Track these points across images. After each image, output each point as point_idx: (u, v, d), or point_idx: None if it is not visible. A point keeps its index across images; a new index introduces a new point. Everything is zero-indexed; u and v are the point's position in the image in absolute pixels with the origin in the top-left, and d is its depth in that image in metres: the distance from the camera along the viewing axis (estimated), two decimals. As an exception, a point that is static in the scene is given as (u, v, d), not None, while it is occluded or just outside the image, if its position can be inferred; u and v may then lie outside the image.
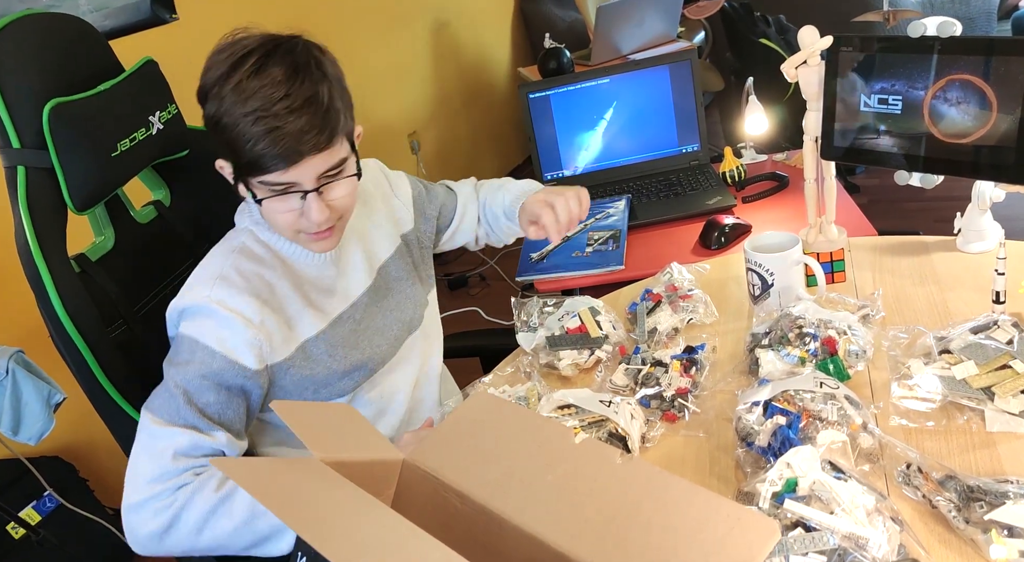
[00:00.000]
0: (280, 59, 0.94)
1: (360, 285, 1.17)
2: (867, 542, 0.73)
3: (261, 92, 0.92)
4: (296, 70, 0.94)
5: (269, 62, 0.94)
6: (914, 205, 3.13)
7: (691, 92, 1.92)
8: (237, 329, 1.00)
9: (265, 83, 0.92)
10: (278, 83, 0.92)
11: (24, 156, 1.02)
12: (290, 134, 0.92)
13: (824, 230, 1.27)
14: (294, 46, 0.97)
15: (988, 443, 0.89)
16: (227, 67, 0.94)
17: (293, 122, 0.92)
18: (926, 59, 1.08)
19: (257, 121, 0.91)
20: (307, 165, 0.96)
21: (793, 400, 0.92)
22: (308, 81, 0.95)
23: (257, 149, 0.92)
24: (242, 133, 0.92)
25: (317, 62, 0.97)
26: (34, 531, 1.83)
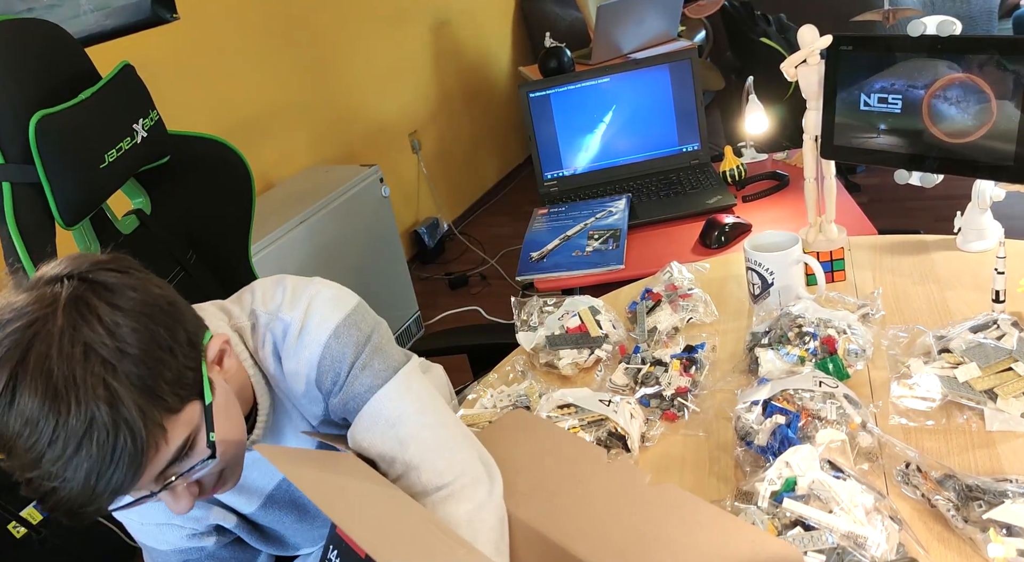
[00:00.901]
0: (32, 380, 0.64)
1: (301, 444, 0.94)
2: (866, 541, 0.74)
3: (19, 444, 0.64)
4: (56, 395, 0.64)
5: (18, 391, 0.64)
6: (914, 204, 3.13)
7: (691, 91, 1.92)
8: (158, 534, 0.94)
9: (17, 431, 0.64)
10: (32, 431, 0.64)
11: (9, 172, 0.99)
12: (77, 489, 0.65)
13: (824, 229, 1.27)
14: (48, 341, 0.65)
15: (987, 442, 0.89)
16: None
17: (74, 474, 0.65)
18: (926, 58, 1.08)
19: (32, 480, 0.66)
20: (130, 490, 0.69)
21: (792, 399, 0.92)
22: (76, 406, 0.64)
23: (51, 505, 0.67)
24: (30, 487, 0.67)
25: (86, 352, 0.66)
26: (36, 530, 1.83)
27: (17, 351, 0.65)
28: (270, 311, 0.87)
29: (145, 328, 0.69)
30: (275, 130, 2.80)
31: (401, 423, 0.84)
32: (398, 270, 2.89)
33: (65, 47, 1.11)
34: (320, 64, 3.00)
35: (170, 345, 0.71)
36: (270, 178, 2.78)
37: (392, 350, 0.89)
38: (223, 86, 2.58)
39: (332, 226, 2.55)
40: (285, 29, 2.81)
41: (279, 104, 2.81)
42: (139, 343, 0.68)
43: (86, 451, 0.64)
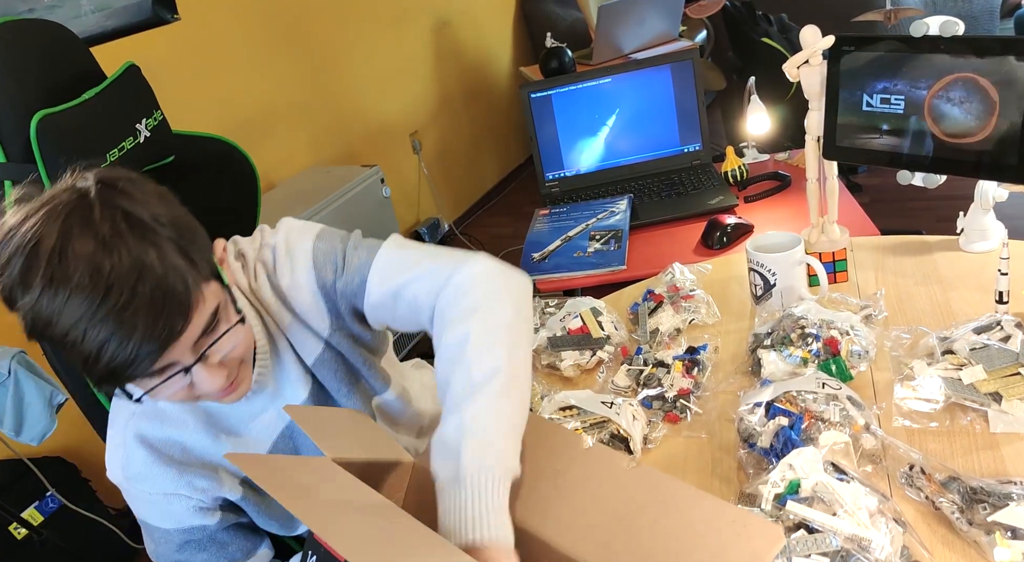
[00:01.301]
0: (81, 234, 0.70)
1: (298, 397, 0.98)
2: (870, 544, 0.73)
3: (70, 305, 0.69)
4: (106, 245, 0.70)
5: (68, 247, 0.69)
6: (916, 204, 3.12)
7: (693, 91, 1.92)
8: (168, 506, 0.93)
9: (72, 288, 0.69)
10: (92, 274, 0.69)
11: (10, 171, 0.99)
12: (136, 332, 0.70)
13: (826, 230, 1.27)
14: (88, 207, 0.72)
15: (991, 444, 0.89)
16: (22, 263, 0.70)
17: (123, 330, 0.70)
18: (929, 58, 1.08)
19: (78, 343, 0.70)
20: (174, 349, 0.75)
21: (795, 401, 0.92)
22: (126, 252, 0.70)
23: (104, 361, 0.71)
24: (77, 347, 0.70)
25: (126, 215, 0.73)
26: (36, 531, 1.83)
27: (61, 216, 0.71)
28: (254, 246, 0.96)
29: (170, 207, 0.78)
30: (276, 130, 2.80)
31: (404, 261, 0.92)
32: (399, 271, 2.88)
33: (70, 47, 1.11)
34: (321, 64, 3.00)
35: (192, 225, 0.80)
36: (271, 178, 2.78)
37: (371, 238, 0.97)
38: (224, 87, 2.58)
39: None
40: (286, 30, 2.81)
41: (280, 104, 2.81)
42: (169, 215, 0.76)
43: (140, 295, 0.70)
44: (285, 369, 0.97)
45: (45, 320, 0.70)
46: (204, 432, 0.94)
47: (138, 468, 0.91)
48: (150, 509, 0.94)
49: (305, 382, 0.98)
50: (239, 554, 0.99)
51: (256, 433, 0.98)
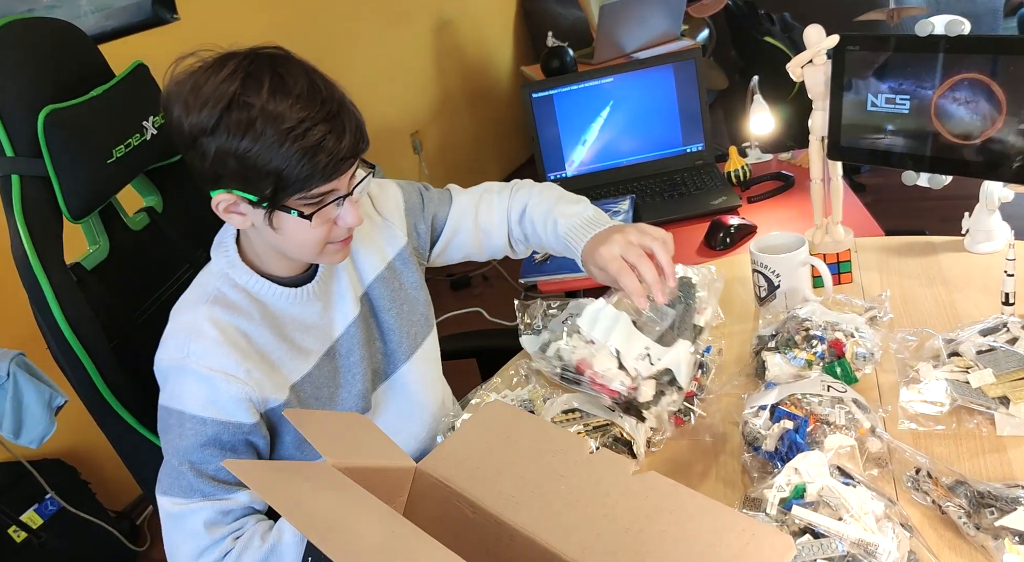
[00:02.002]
0: (294, 70, 0.89)
1: (345, 318, 1.09)
2: (876, 549, 0.72)
3: (296, 106, 0.86)
4: (313, 79, 0.89)
5: (285, 75, 0.87)
6: (920, 204, 3.11)
7: (695, 91, 1.91)
8: (221, 387, 0.95)
9: (296, 96, 0.86)
10: (308, 93, 0.87)
11: (18, 164, 1.00)
12: (339, 141, 0.89)
13: (830, 231, 1.26)
14: (288, 55, 0.92)
15: (998, 447, 0.88)
16: (238, 89, 0.86)
17: (338, 129, 0.89)
18: (934, 58, 1.07)
19: (303, 136, 0.86)
20: (349, 172, 0.94)
21: (800, 404, 0.91)
22: (329, 87, 0.90)
23: (307, 165, 0.87)
24: (285, 153, 0.86)
25: (315, 68, 0.93)
26: (36, 534, 1.83)
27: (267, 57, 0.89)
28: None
29: None
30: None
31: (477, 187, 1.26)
32: (400, 271, 2.87)
33: (79, 45, 1.12)
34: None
35: None
36: (271, 179, 2.77)
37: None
38: (224, 87, 2.57)
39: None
40: (286, 30, 2.80)
41: (280, 105, 2.80)
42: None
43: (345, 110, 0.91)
44: (340, 286, 1.09)
45: (276, 116, 0.85)
46: (267, 328, 1.01)
47: (204, 345, 0.95)
48: (199, 390, 0.94)
49: (355, 304, 1.10)
50: None
51: (307, 343, 1.05)
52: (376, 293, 1.14)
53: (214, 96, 0.85)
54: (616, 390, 0.93)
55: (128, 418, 1.07)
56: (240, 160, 0.87)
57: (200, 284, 1.02)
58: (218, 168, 0.88)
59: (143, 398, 1.07)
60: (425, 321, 1.21)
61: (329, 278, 1.08)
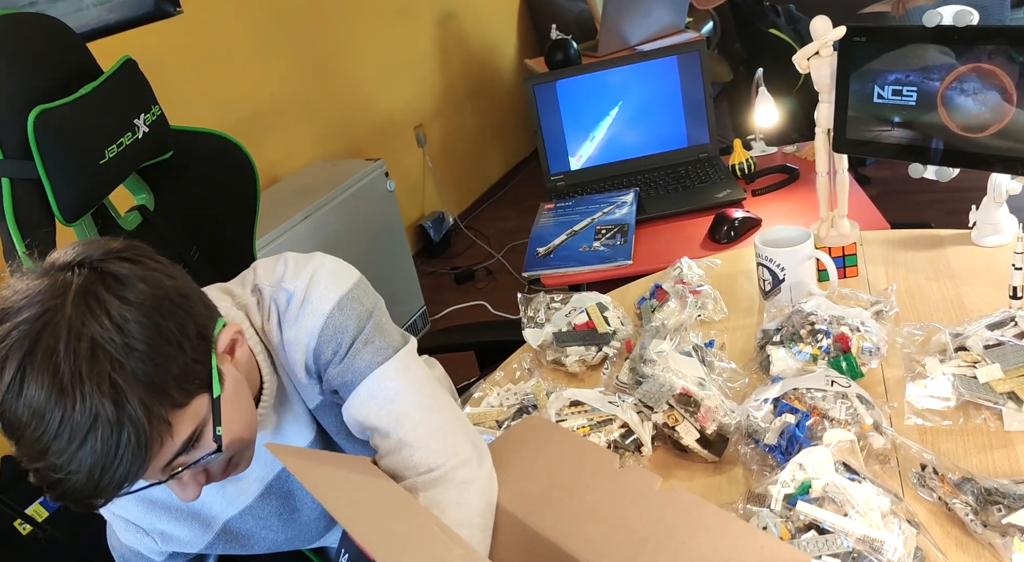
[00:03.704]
0: (40, 372, 0.64)
1: (303, 439, 0.93)
2: (882, 545, 0.72)
3: (26, 435, 0.65)
4: (61, 389, 0.64)
5: (26, 382, 0.64)
6: (926, 196, 3.09)
7: (700, 83, 1.89)
8: (123, 530, 0.93)
9: (23, 420, 0.64)
10: (38, 423, 0.64)
11: (8, 167, 0.98)
12: (84, 482, 0.66)
13: (836, 224, 1.25)
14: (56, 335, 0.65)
15: (1006, 443, 0.87)
16: None
17: (79, 468, 0.65)
18: (942, 49, 1.05)
19: (40, 470, 0.66)
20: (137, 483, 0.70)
21: (803, 398, 0.91)
22: (80, 401, 0.64)
23: (57, 495, 0.67)
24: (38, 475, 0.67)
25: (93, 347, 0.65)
26: (41, 527, 1.83)
27: (26, 342, 0.65)
28: (273, 283, 0.87)
29: (154, 324, 0.69)
30: (280, 124, 2.79)
31: (399, 400, 0.84)
32: (403, 264, 2.87)
33: (65, 41, 1.09)
34: (325, 58, 2.98)
35: (179, 340, 0.70)
36: (275, 172, 2.77)
37: (391, 329, 0.90)
38: (228, 80, 2.57)
39: (337, 220, 2.54)
40: (290, 23, 2.79)
41: (284, 98, 2.79)
42: (147, 339, 0.68)
43: (90, 446, 0.64)
44: (293, 410, 0.91)
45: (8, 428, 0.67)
46: None
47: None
48: (110, 518, 0.95)
49: (310, 426, 0.92)
50: None
51: (250, 472, 0.91)
52: (323, 419, 0.93)
53: None
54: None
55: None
56: None
57: None
58: None
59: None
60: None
61: (280, 400, 0.90)
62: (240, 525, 0.94)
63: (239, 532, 0.94)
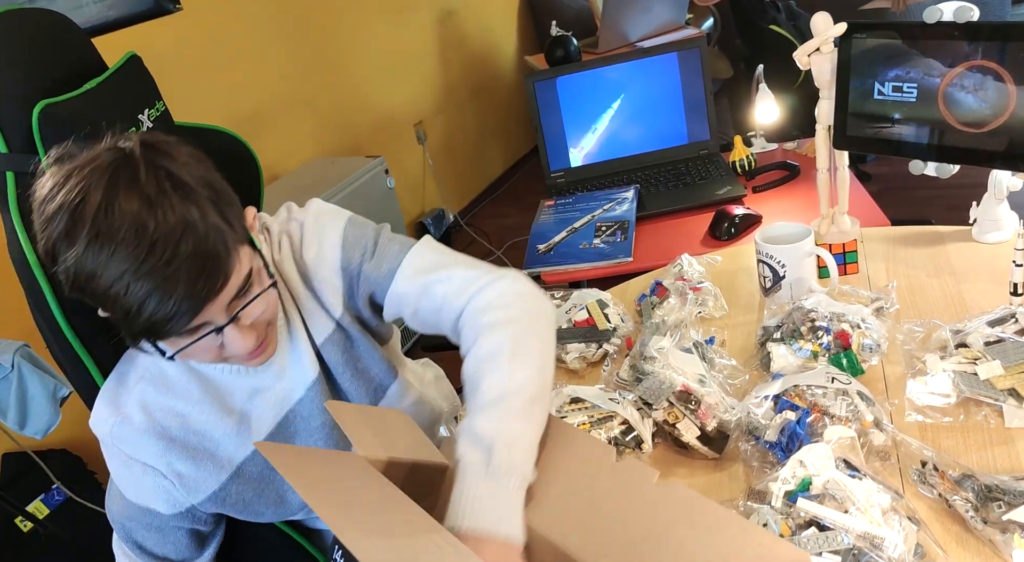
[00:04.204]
0: (126, 192, 0.73)
1: (306, 378, 0.97)
2: (883, 542, 0.72)
3: (115, 260, 0.71)
4: (151, 203, 0.73)
5: (114, 204, 0.72)
6: (926, 193, 3.09)
7: (700, 80, 1.89)
8: (139, 476, 0.93)
9: (117, 244, 0.71)
10: (138, 230, 0.72)
11: (12, 161, 0.98)
12: (177, 288, 0.73)
13: (837, 220, 1.25)
14: (134, 167, 0.75)
15: (1006, 439, 0.87)
16: (67, 219, 0.73)
17: (165, 286, 0.73)
18: (943, 45, 1.05)
19: (121, 297, 0.72)
20: (209, 308, 0.78)
21: (804, 395, 0.91)
22: (171, 211, 0.73)
23: (145, 315, 0.74)
24: (119, 301, 0.73)
25: (169, 175, 0.76)
26: (42, 524, 1.83)
27: (106, 176, 0.73)
28: (280, 222, 0.99)
29: (207, 169, 0.81)
30: (280, 122, 2.79)
31: (442, 265, 0.94)
32: (404, 262, 2.87)
33: (71, 37, 1.10)
34: (325, 55, 2.98)
35: (227, 188, 0.82)
36: (276, 170, 2.77)
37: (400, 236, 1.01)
38: (228, 78, 2.56)
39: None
40: (290, 20, 2.79)
41: (284, 96, 2.79)
42: (207, 177, 0.79)
43: (183, 253, 0.73)
44: (296, 348, 0.97)
45: (89, 273, 0.73)
46: (208, 404, 0.94)
47: (128, 431, 0.91)
48: (121, 471, 0.94)
49: (313, 365, 0.97)
50: (179, 550, 0.99)
51: (259, 412, 0.96)
52: (328, 355, 0.99)
53: (43, 237, 0.76)
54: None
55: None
56: (85, 294, 0.77)
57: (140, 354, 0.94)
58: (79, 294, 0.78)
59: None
60: (387, 371, 1.04)
61: (284, 339, 0.96)
62: (252, 468, 0.97)
63: (251, 475, 0.97)
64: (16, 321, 1.88)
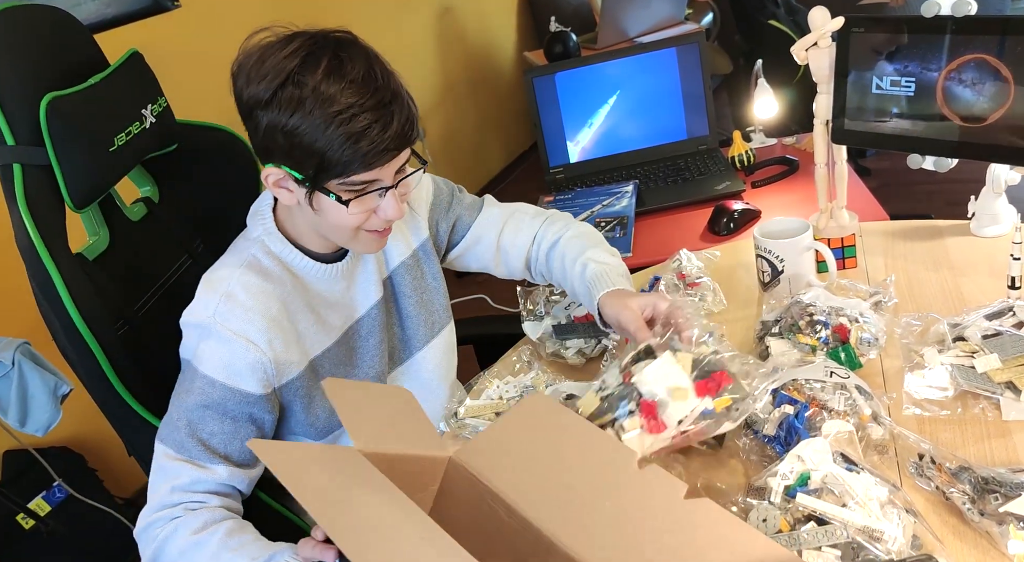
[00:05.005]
0: (354, 55, 0.90)
1: (369, 298, 1.12)
2: (882, 534, 0.72)
3: (348, 91, 0.87)
4: (371, 66, 0.90)
5: (345, 59, 0.89)
6: (925, 188, 3.09)
7: (699, 75, 1.89)
8: (239, 353, 0.96)
9: (349, 81, 0.87)
10: (363, 79, 0.88)
11: (19, 153, 0.99)
12: (383, 131, 0.89)
13: (835, 215, 1.25)
14: (354, 40, 0.93)
15: (1003, 432, 0.88)
16: (296, 67, 0.88)
17: (385, 119, 0.89)
18: (940, 39, 1.05)
19: (348, 121, 0.87)
20: (394, 161, 0.94)
21: (802, 389, 0.91)
22: (386, 76, 0.91)
23: (348, 150, 0.88)
24: (329, 136, 0.87)
25: (378, 55, 0.94)
26: (43, 522, 1.84)
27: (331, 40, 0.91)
28: None
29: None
30: (279, 118, 2.78)
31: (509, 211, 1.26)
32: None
33: (74, 33, 1.12)
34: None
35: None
36: (274, 167, 2.77)
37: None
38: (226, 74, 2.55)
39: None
40: (288, 16, 2.78)
41: (282, 92, 2.79)
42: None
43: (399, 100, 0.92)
44: (366, 268, 1.11)
45: (326, 98, 0.86)
46: (298, 297, 1.03)
47: (232, 308, 0.96)
48: (217, 351, 0.96)
49: (378, 288, 1.12)
50: (243, 452, 0.98)
51: (331, 319, 1.07)
52: (399, 279, 1.16)
53: (273, 70, 0.88)
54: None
55: (137, 408, 1.06)
56: (288, 136, 0.89)
57: (236, 249, 1.04)
58: (269, 142, 0.91)
59: (149, 387, 1.07)
60: (444, 311, 1.23)
61: (358, 258, 1.10)
62: (323, 365, 1.07)
63: (320, 372, 1.06)
64: (15, 319, 1.88)
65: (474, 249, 1.25)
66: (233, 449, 0.97)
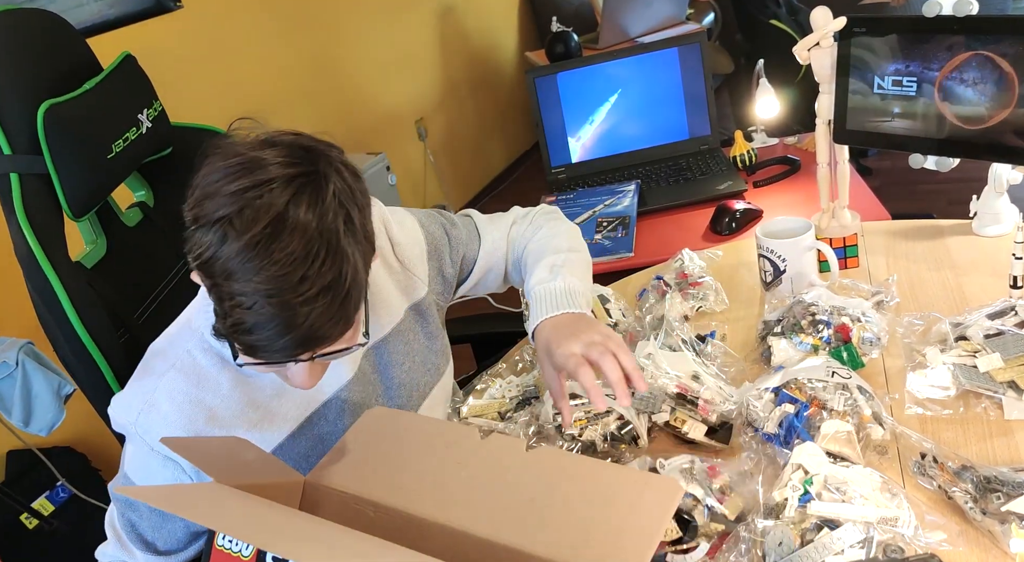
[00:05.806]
0: (303, 223, 0.72)
1: (339, 378, 0.97)
2: (897, 520, 0.73)
3: (262, 273, 0.70)
4: (319, 244, 0.72)
5: (285, 229, 0.71)
6: (927, 187, 3.09)
7: (701, 75, 1.89)
8: (156, 468, 0.90)
9: (273, 260, 0.70)
10: (290, 263, 0.71)
11: (17, 163, 0.97)
12: (279, 335, 0.73)
13: (837, 215, 1.25)
14: (319, 189, 0.74)
15: (1006, 431, 0.88)
16: (227, 216, 0.71)
17: (288, 321, 0.72)
18: (942, 39, 1.05)
19: (246, 308, 0.72)
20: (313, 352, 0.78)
21: (804, 388, 0.91)
22: (330, 259, 0.72)
23: (255, 335, 0.73)
24: (225, 309, 0.73)
25: (347, 218, 0.75)
26: (47, 521, 1.84)
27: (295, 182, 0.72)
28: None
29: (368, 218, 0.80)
30: (281, 119, 2.79)
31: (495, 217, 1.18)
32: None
33: (67, 38, 1.09)
34: (325, 52, 2.98)
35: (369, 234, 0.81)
36: (276, 167, 2.77)
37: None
38: (228, 75, 2.57)
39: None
40: (290, 16, 2.79)
41: (284, 93, 2.79)
42: (367, 228, 0.79)
43: (322, 303, 0.72)
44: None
45: (227, 272, 0.71)
46: (235, 399, 0.91)
47: (154, 419, 0.88)
48: (138, 457, 0.92)
49: (351, 367, 0.97)
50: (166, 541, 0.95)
51: (283, 410, 0.94)
52: (387, 348, 1.02)
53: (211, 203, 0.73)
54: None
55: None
56: (207, 274, 0.75)
57: (171, 341, 0.93)
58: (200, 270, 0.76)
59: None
60: (441, 355, 1.10)
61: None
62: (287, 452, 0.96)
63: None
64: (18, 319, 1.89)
65: (485, 280, 1.18)
66: (159, 537, 0.94)
